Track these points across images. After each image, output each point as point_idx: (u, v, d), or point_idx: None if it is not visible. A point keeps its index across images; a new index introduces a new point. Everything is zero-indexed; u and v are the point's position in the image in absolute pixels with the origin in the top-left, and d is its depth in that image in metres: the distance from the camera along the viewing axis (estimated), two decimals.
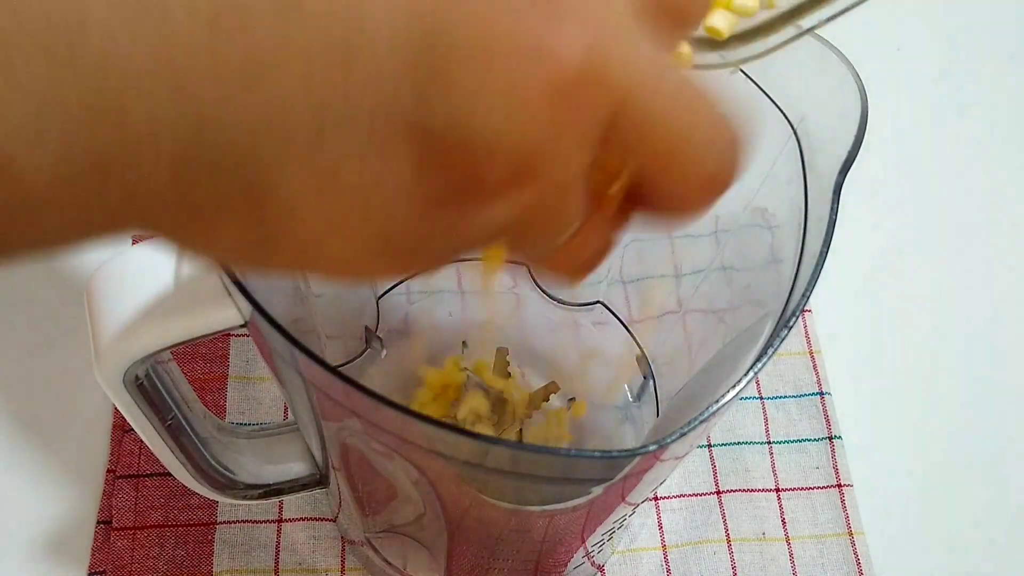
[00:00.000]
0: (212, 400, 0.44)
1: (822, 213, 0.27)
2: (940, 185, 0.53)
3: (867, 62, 0.29)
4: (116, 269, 0.28)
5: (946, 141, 0.54)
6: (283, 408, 0.44)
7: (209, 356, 0.45)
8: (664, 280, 0.40)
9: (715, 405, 0.24)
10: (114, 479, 0.42)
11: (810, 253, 0.27)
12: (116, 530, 0.41)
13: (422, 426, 0.24)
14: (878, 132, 0.32)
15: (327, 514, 0.42)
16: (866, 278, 0.50)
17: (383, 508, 0.34)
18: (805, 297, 0.26)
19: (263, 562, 0.41)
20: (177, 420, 0.31)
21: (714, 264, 0.36)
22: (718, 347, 0.33)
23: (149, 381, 0.29)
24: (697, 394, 0.33)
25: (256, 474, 0.36)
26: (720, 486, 0.43)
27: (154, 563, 0.40)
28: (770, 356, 0.25)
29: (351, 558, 0.41)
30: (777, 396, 0.45)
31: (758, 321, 0.29)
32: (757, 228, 0.33)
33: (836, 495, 0.43)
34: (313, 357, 0.24)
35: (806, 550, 0.42)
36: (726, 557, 0.42)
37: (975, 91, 0.56)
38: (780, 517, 0.43)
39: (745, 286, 0.34)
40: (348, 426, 0.28)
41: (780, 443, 0.44)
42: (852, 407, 0.46)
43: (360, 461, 0.30)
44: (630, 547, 0.42)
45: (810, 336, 0.47)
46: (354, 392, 0.23)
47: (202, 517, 0.41)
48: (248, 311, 0.25)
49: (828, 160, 0.28)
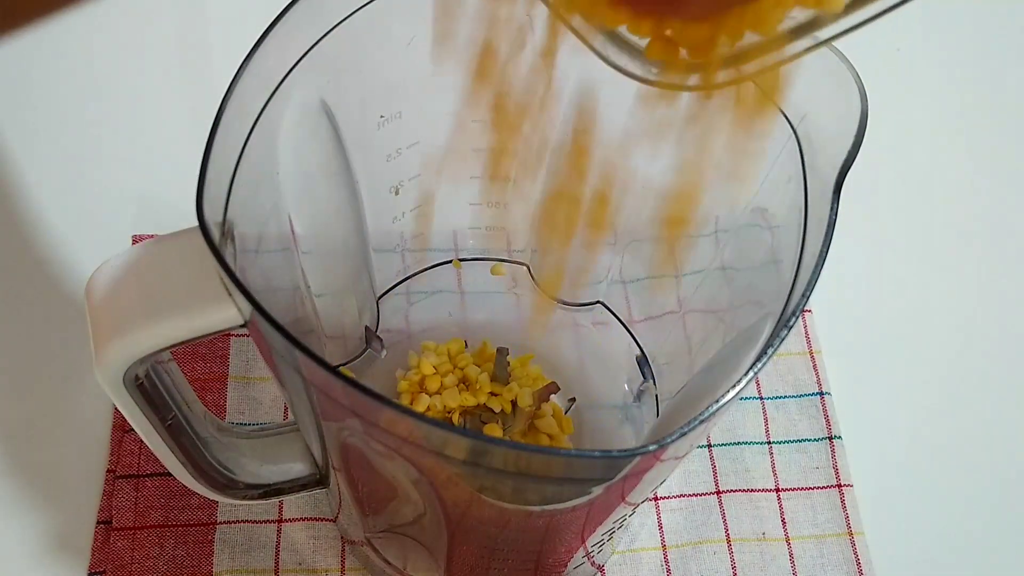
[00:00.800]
0: (212, 400, 0.44)
1: (822, 213, 0.27)
2: (941, 185, 0.53)
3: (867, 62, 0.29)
4: (116, 268, 0.28)
5: (947, 141, 0.54)
6: (283, 408, 0.44)
7: (209, 356, 0.45)
8: (664, 280, 0.40)
9: (715, 405, 0.24)
10: (114, 479, 0.42)
11: (810, 253, 0.27)
12: (116, 530, 0.41)
13: (422, 426, 0.24)
14: (878, 132, 0.32)
15: (327, 514, 0.42)
16: (866, 278, 0.50)
17: (383, 508, 0.34)
18: (805, 297, 0.26)
19: (263, 562, 0.41)
20: (177, 420, 0.31)
21: (714, 264, 0.36)
22: (718, 347, 0.33)
23: (149, 381, 0.29)
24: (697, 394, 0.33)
25: (256, 474, 0.36)
26: (720, 486, 0.43)
27: (154, 563, 0.40)
28: (770, 356, 0.25)
29: (351, 558, 0.41)
30: (777, 396, 0.45)
31: (758, 321, 0.29)
32: (757, 228, 0.33)
33: (836, 495, 0.43)
34: (313, 357, 0.24)
35: (806, 550, 0.42)
36: (726, 557, 0.42)
37: (976, 91, 0.56)
38: (780, 517, 0.43)
39: (745, 286, 0.34)
40: (348, 426, 0.28)
41: (780, 443, 0.44)
42: (852, 407, 0.46)
43: (360, 461, 0.30)
44: (630, 547, 0.42)
45: (810, 336, 0.47)
46: (354, 392, 0.23)
47: (202, 517, 0.41)
48: (248, 311, 0.25)
49: (828, 160, 0.28)
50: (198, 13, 0.54)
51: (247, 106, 0.28)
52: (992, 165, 0.54)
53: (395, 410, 0.24)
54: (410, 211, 0.40)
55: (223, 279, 0.26)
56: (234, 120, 0.27)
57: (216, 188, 0.26)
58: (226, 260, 0.25)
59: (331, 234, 0.38)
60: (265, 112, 0.29)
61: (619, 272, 0.42)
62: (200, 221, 0.25)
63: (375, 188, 0.38)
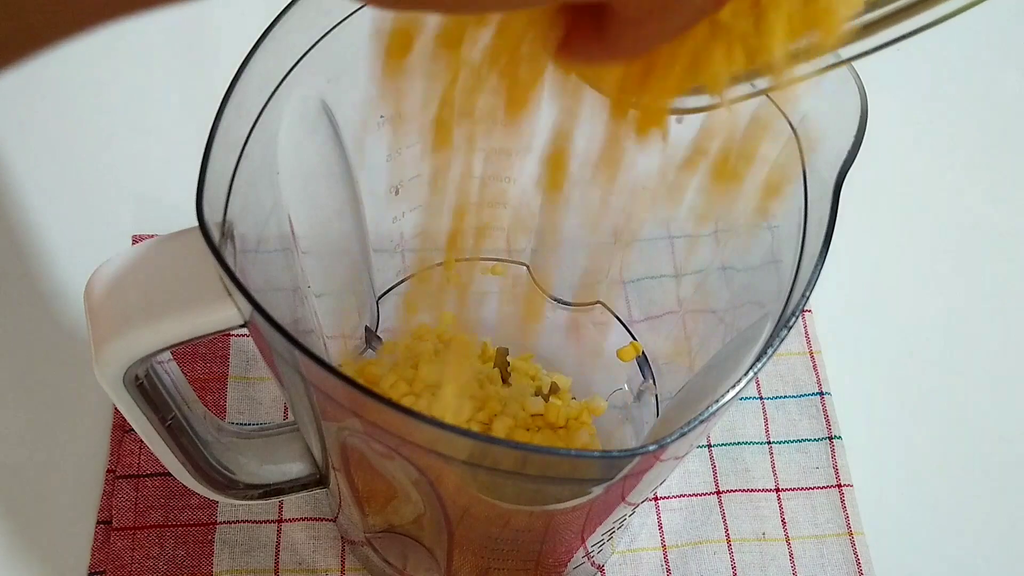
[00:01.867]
0: (212, 400, 0.44)
1: (822, 213, 0.27)
2: (940, 185, 0.53)
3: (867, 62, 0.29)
4: (115, 268, 0.28)
5: (946, 141, 0.54)
6: (283, 408, 0.44)
7: (209, 356, 0.45)
8: (664, 280, 0.40)
9: (715, 405, 0.24)
10: (114, 479, 0.42)
11: (810, 253, 0.27)
12: (116, 530, 0.41)
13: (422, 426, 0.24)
14: (878, 132, 0.32)
15: (327, 514, 0.42)
16: (866, 278, 0.50)
17: (383, 508, 0.34)
18: (805, 297, 0.26)
19: (263, 562, 0.41)
20: (177, 420, 0.31)
21: (714, 264, 0.36)
22: (718, 347, 0.33)
23: (149, 381, 0.29)
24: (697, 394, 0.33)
25: (256, 474, 0.36)
26: (720, 486, 0.43)
27: (154, 563, 0.40)
28: (770, 356, 0.25)
29: (351, 558, 0.41)
30: (777, 396, 0.45)
31: (758, 321, 0.29)
32: (757, 228, 0.33)
33: (836, 495, 0.43)
34: (313, 357, 0.24)
35: (806, 550, 0.42)
36: (726, 557, 0.42)
37: (976, 91, 0.56)
38: (780, 517, 0.43)
39: (745, 286, 0.34)
40: (348, 426, 0.28)
41: (780, 443, 0.44)
42: (852, 407, 0.46)
43: (360, 461, 0.30)
44: (630, 547, 0.42)
45: (810, 336, 0.47)
46: (354, 392, 0.23)
47: (202, 517, 0.41)
48: (248, 311, 0.25)
49: (828, 160, 0.28)
50: (198, 13, 0.54)
51: (247, 106, 0.28)
52: (993, 165, 0.54)
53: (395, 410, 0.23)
54: (410, 211, 0.40)
55: (223, 279, 0.26)
56: (234, 120, 0.27)
57: (216, 188, 0.26)
58: (226, 260, 0.25)
59: (331, 234, 0.38)
60: (265, 112, 0.29)
61: (619, 272, 0.41)
62: (200, 221, 0.25)
63: (375, 188, 0.38)
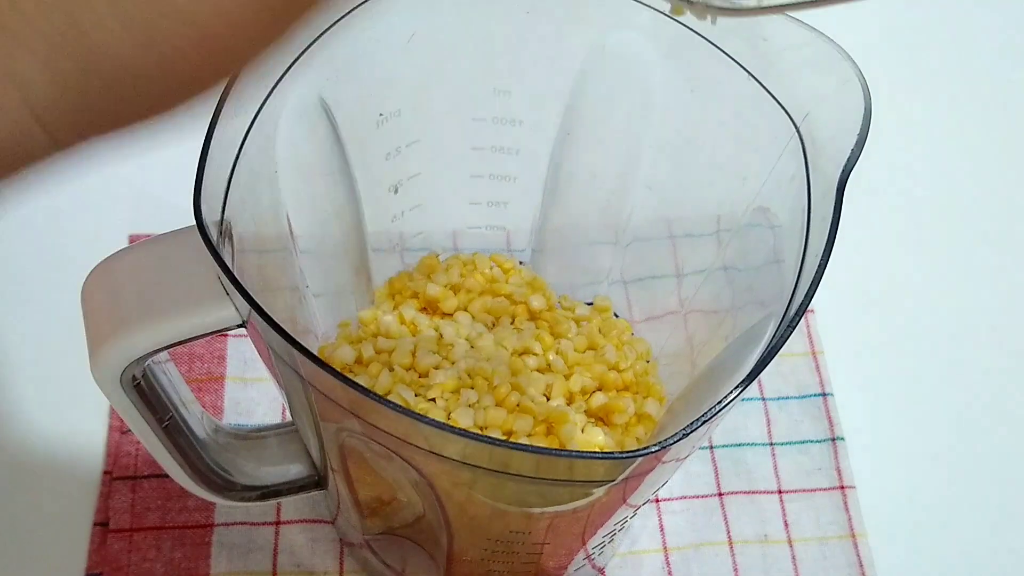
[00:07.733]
0: (209, 401, 0.44)
1: (825, 212, 0.27)
2: (944, 184, 0.53)
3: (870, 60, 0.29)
4: (112, 268, 0.28)
5: (950, 140, 0.54)
6: (281, 409, 0.44)
7: (206, 356, 0.45)
8: (666, 280, 0.40)
9: (718, 406, 0.24)
10: (111, 481, 0.42)
11: (813, 253, 0.27)
12: (113, 532, 0.41)
13: (421, 426, 0.24)
14: (882, 131, 0.31)
15: (325, 516, 0.42)
16: (869, 278, 0.50)
17: (382, 510, 0.34)
18: (808, 297, 0.26)
19: (261, 564, 0.40)
20: (174, 421, 0.31)
21: (716, 264, 0.36)
22: (720, 348, 0.33)
23: (146, 381, 0.29)
24: (699, 395, 0.33)
25: (254, 476, 0.36)
26: (722, 488, 0.43)
27: (151, 565, 0.40)
28: (772, 357, 0.25)
29: (350, 560, 0.41)
30: (779, 397, 0.45)
31: (760, 322, 0.29)
32: (759, 228, 0.33)
33: (839, 497, 0.43)
34: (312, 357, 0.24)
35: (808, 552, 0.42)
36: (728, 559, 0.41)
37: (979, 89, 0.56)
38: (782, 519, 0.42)
39: (747, 286, 0.34)
40: (346, 427, 0.27)
41: (782, 444, 0.44)
42: (855, 408, 0.45)
43: (359, 462, 0.30)
44: (631, 549, 0.42)
45: (813, 337, 0.47)
46: (353, 392, 0.23)
47: (199, 519, 0.41)
48: (246, 310, 0.25)
49: (831, 159, 0.27)
50: None
51: (245, 104, 0.28)
52: (998, 164, 0.54)
53: (395, 410, 0.23)
54: (409, 210, 0.40)
55: (221, 278, 0.26)
56: (232, 118, 0.27)
57: (214, 187, 0.26)
58: (224, 259, 0.25)
59: (330, 233, 0.38)
60: (263, 110, 0.29)
61: (620, 272, 0.41)
62: (198, 220, 0.25)
63: (374, 187, 0.38)
